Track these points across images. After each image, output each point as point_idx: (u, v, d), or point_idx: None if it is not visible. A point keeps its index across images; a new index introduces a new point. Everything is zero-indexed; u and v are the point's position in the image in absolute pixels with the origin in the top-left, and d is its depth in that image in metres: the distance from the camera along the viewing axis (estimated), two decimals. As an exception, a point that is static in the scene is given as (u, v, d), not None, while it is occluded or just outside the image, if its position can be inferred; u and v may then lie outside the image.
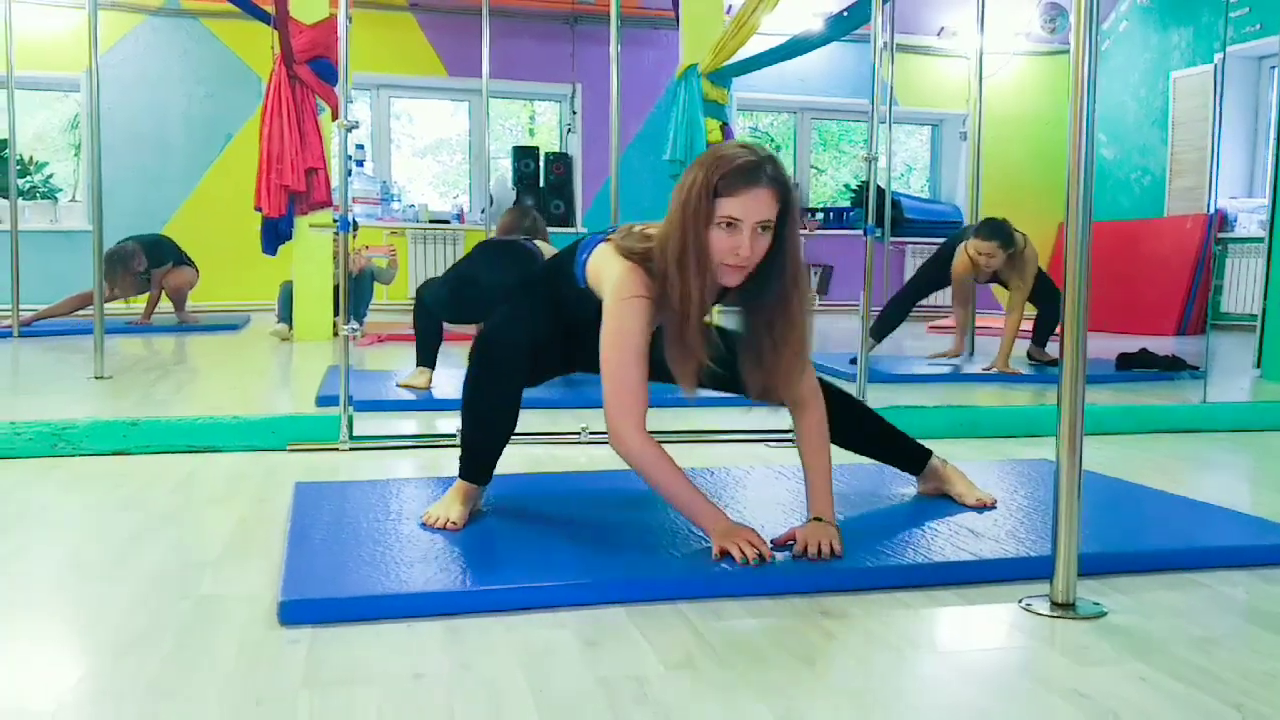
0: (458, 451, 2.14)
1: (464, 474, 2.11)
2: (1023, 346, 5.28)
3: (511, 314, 2.14)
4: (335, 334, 5.87)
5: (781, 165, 1.88)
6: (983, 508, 2.24)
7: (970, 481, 2.31)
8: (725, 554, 1.82)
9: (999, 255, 4.71)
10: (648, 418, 1.90)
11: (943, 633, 1.64)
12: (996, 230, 4.73)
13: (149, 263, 6.75)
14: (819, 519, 1.93)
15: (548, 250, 4.04)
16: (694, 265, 1.83)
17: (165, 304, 6.96)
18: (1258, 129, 8.16)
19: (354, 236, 5.88)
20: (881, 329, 5.11)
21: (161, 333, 6.50)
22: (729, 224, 1.81)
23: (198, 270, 7.00)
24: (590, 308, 1.97)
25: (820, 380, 2.11)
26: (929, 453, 2.34)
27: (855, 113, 9.39)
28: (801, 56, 6.38)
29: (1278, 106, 5.26)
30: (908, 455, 2.35)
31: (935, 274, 5.36)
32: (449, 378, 4.23)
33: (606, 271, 1.94)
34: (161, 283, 6.86)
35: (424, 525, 2.04)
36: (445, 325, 4.23)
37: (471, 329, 4.44)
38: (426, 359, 4.07)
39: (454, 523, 2.02)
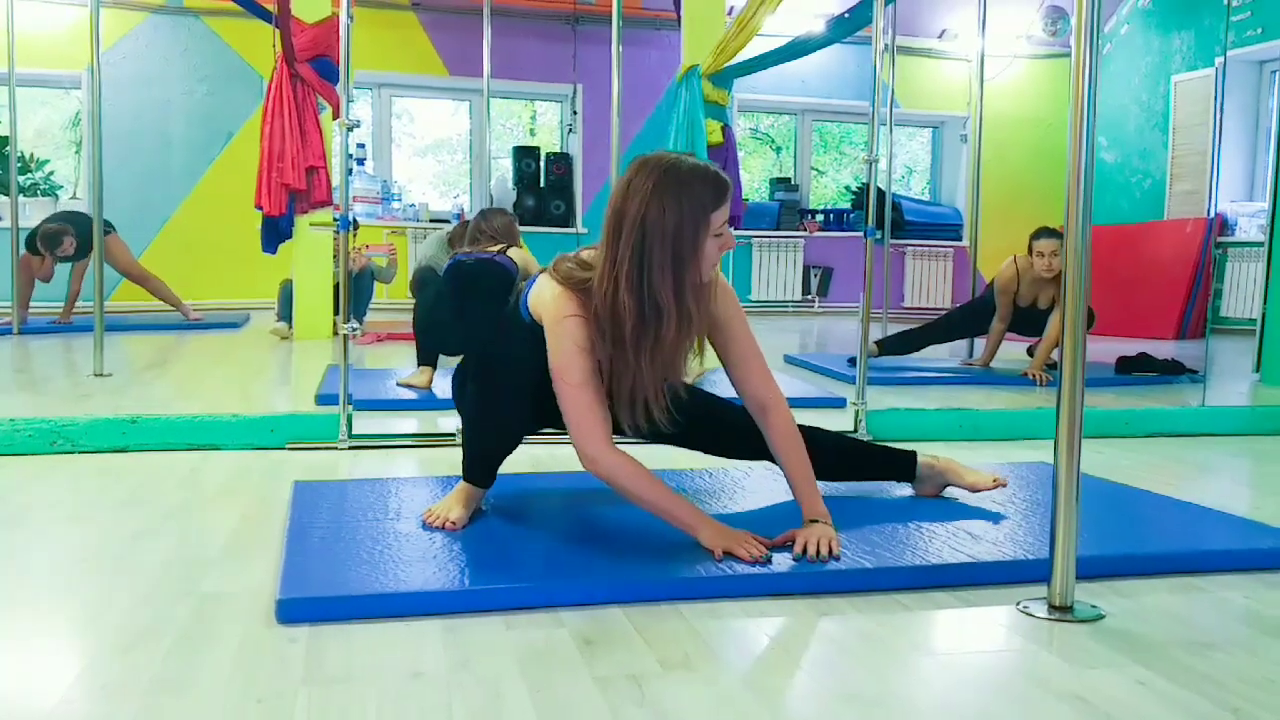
0: (457, 451, 2.14)
1: (467, 477, 2.12)
2: (1020, 349, 5.29)
3: (501, 365, 2.10)
4: (335, 333, 5.87)
5: None
6: (998, 485, 2.27)
7: (969, 468, 2.32)
8: (728, 555, 1.82)
9: (1061, 255, 4.71)
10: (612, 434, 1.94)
11: (940, 635, 1.64)
12: (1056, 231, 4.75)
13: (79, 247, 6.47)
14: (815, 520, 1.93)
15: (519, 258, 3.96)
16: (691, 288, 1.88)
17: (159, 302, 6.94)
18: (1258, 133, 8.16)
19: (354, 235, 5.90)
20: (892, 346, 5.12)
21: (162, 330, 6.50)
22: (720, 230, 1.89)
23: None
24: (541, 343, 1.95)
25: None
26: (914, 455, 2.34)
27: (856, 114, 9.39)
28: (803, 58, 6.39)
29: (1278, 110, 5.25)
30: (894, 466, 2.35)
31: (969, 321, 5.37)
32: (449, 378, 4.23)
33: (544, 298, 1.95)
34: (87, 267, 6.53)
35: (425, 524, 2.04)
36: None
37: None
38: (427, 358, 4.07)
39: (454, 522, 2.03)
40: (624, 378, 1.91)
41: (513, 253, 3.97)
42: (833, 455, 2.25)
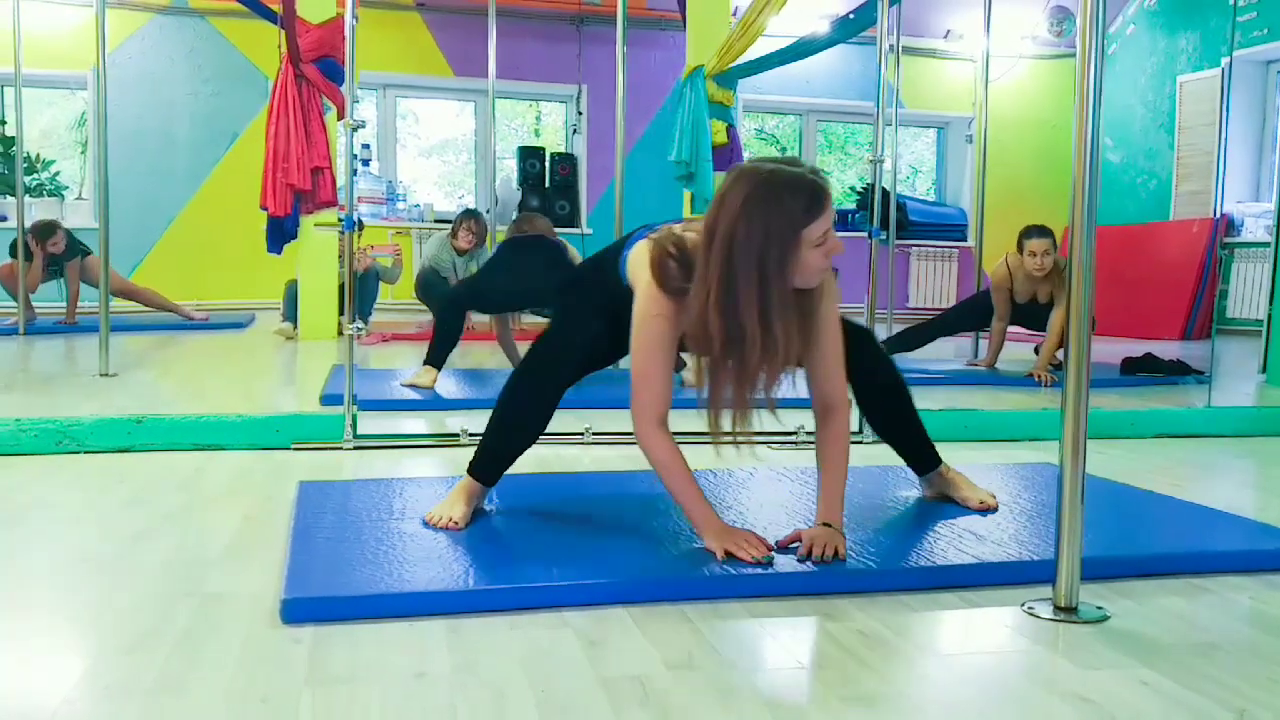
0: (463, 451, 2.14)
1: (475, 472, 2.13)
2: (1028, 349, 5.28)
3: (566, 324, 2.16)
4: (340, 333, 5.88)
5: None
6: (985, 510, 2.24)
7: (973, 484, 2.31)
8: (729, 555, 1.82)
9: (1053, 253, 4.70)
10: (668, 417, 1.95)
11: (945, 636, 1.64)
12: (1047, 230, 4.74)
13: (67, 248, 6.50)
14: (827, 524, 1.92)
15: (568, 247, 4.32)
16: (780, 309, 1.80)
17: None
18: (1264, 133, 8.15)
19: (359, 236, 5.89)
20: (893, 346, 5.12)
21: (167, 330, 6.51)
22: (822, 239, 1.81)
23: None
24: (631, 301, 1.98)
25: (877, 353, 2.20)
26: (940, 460, 2.35)
27: (861, 115, 9.38)
28: (807, 59, 6.39)
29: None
30: (923, 455, 2.34)
31: (968, 317, 5.36)
32: (453, 378, 4.23)
33: (639, 276, 1.96)
34: (81, 276, 6.60)
35: (426, 524, 2.04)
36: (464, 326, 4.34)
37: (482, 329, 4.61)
38: (437, 358, 4.06)
39: (456, 522, 2.03)
40: (714, 390, 1.89)
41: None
42: (897, 403, 2.28)
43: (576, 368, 2.14)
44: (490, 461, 2.14)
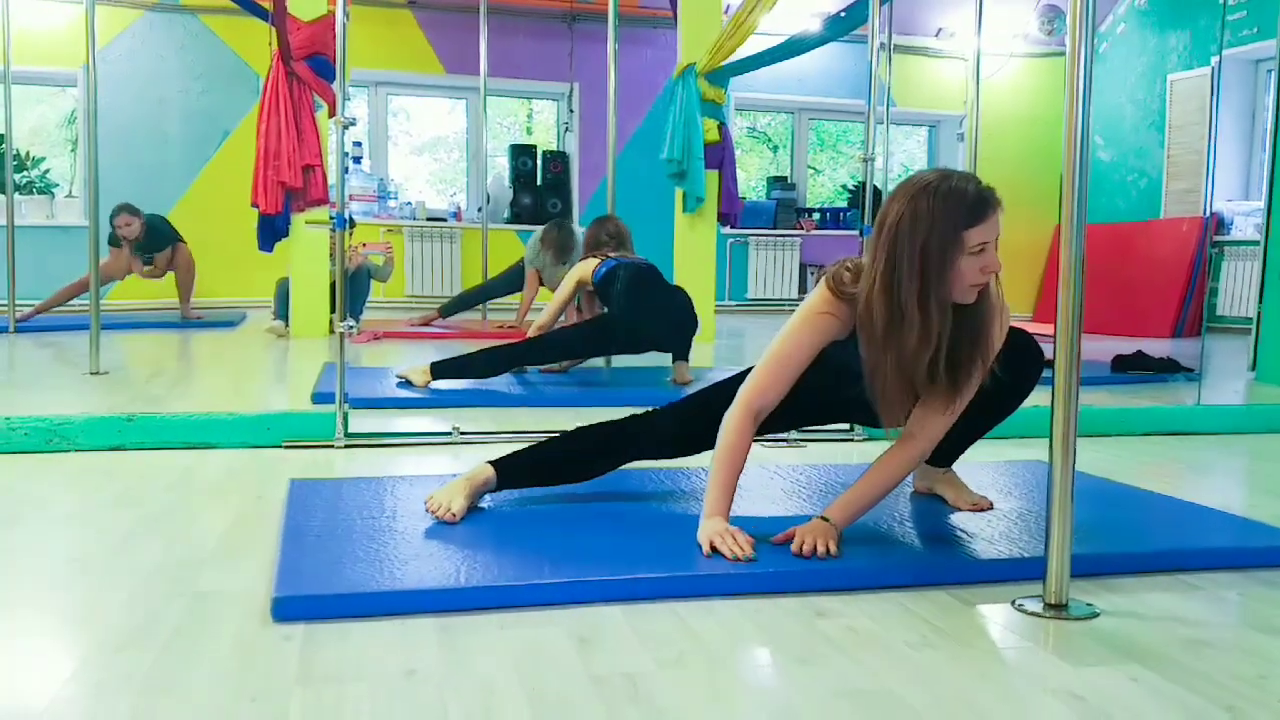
0: (453, 449, 2.14)
1: (503, 468, 2.16)
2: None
3: (692, 411, 2.24)
4: (331, 331, 5.86)
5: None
6: (977, 510, 2.24)
7: (966, 487, 2.32)
8: (714, 550, 1.84)
9: None
10: (758, 415, 1.98)
11: (935, 632, 1.64)
12: None
13: (146, 234, 6.73)
14: (825, 519, 1.92)
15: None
16: (936, 304, 1.85)
17: (167, 296, 6.96)
18: (1254, 132, 8.17)
19: (350, 234, 5.89)
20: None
21: (158, 328, 6.49)
22: (980, 249, 1.85)
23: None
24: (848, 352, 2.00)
25: (1029, 347, 2.14)
26: (952, 463, 2.35)
27: (853, 113, 9.39)
28: (799, 57, 6.39)
29: (1274, 109, 5.26)
30: (953, 455, 2.32)
31: None
32: (445, 382, 4.22)
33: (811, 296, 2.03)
34: (171, 265, 6.94)
35: (426, 507, 2.07)
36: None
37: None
38: (446, 372, 4.00)
39: (454, 514, 2.04)
40: (876, 377, 1.92)
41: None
42: (987, 424, 2.22)
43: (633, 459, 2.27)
44: (522, 474, 2.19)
